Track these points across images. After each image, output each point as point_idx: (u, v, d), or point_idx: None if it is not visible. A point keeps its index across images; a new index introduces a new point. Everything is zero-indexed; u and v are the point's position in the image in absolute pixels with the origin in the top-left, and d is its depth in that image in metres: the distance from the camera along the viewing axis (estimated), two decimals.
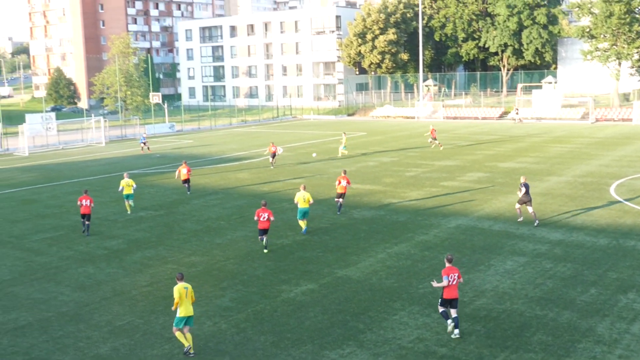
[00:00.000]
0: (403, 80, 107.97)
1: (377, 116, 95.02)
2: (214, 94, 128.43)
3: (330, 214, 30.02)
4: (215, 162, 50.45)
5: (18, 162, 57.25)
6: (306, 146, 58.77)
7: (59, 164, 54.19)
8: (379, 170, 42.78)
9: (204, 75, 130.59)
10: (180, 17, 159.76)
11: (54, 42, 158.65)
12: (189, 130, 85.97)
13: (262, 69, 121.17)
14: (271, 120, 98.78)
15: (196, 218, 30.48)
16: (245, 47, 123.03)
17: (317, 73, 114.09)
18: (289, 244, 25.31)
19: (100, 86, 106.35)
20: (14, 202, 36.98)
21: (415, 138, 63.00)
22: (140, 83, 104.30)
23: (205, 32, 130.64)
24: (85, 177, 44.52)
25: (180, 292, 15.87)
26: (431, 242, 24.84)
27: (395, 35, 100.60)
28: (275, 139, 66.24)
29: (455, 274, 16.54)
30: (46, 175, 47.33)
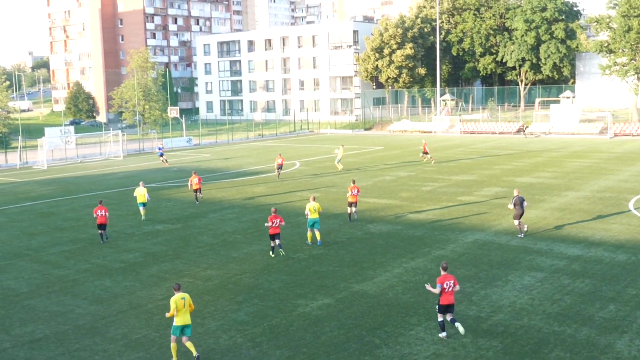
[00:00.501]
0: (420, 94, 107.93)
1: (394, 130, 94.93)
2: (232, 108, 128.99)
3: (346, 228, 29.97)
4: (232, 176, 50.58)
5: (37, 175, 57.72)
6: (323, 160, 58.80)
7: (77, 177, 54.57)
8: (396, 185, 42.69)
9: (221, 90, 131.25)
10: (198, 32, 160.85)
11: (74, 57, 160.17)
12: (206, 144, 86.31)
13: (279, 83, 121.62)
14: (288, 134, 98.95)
15: (212, 232, 30.54)
16: (263, 62, 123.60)
17: (334, 87, 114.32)
18: (305, 258, 25.28)
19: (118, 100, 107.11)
20: (33, 215, 37.25)
21: (432, 152, 62.75)
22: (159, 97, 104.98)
23: (223, 46, 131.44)
24: (103, 190, 44.78)
25: (177, 303, 16.04)
26: (448, 257, 24.70)
27: (413, 49, 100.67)
28: (292, 153, 66.36)
29: (451, 281, 17.02)
30: (64, 188, 47.66)
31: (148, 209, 36.65)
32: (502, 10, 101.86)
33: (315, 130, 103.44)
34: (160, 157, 62.08)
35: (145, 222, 33.12)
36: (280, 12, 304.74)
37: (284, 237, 28.46)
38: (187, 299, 16.21)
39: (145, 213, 34.52)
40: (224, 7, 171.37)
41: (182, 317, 16.14)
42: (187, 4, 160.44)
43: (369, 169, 51.39)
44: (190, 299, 16.37)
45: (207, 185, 45.97)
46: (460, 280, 21.59)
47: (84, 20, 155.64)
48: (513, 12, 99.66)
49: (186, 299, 16.18)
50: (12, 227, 33.88)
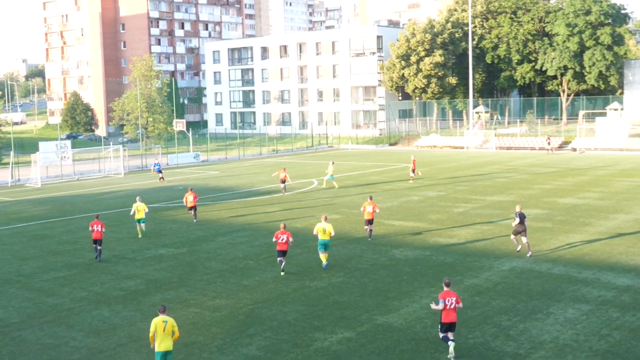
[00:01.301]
0: (451, 106, 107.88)
1: (422, 146, 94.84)
2: (243, 121, 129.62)
3: (369, 253, 29.89)
4: (243, 196, 50.69)
5: (30, 194, 58.16)
6: (344, 178, 58.80)
7: (73, 196, 54.93)
8: (424, 206, 42.57)
9: (232, 101, 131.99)
10: (207, 37, 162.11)
11: (71, 65, 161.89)
12: (215, 160, 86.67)
13: (295, 93, 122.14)
14: (305, 149, 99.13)
15: (221, 257, 30.56)
16: (278, 70, 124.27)
17: (356, 98, 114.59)
18: (323, 286, 25.20)
19: (119, 112, 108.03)
20: (25, 237, 37.49)
21: (465, 170, 62.68)
22: (163, 109, 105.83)
23: (234, 53, 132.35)
24: (102, 210, 45.00)
25: (157, 326, 16.46)
26: (482, 286, 24.52)
27: (443, 57, 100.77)
28: (310, 171, 66.46)
29: (453, 298, 17.92)
30: (60, 209, 47.97)
31: (150, 232, 36.82)
32: (542, 14, 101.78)
33: (335, 145, 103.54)
34: (159, 172, 63.17)
35: (148, 247, 33.23)
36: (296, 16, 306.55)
37: (300, 262, 28.41)
38: (169, 323, 16.55)
39: (143, 231, 36.27)
40: (235, 10, 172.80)
41: (162, 342, 16.45)
42: (195, 8, 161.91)
43: (394, 189, 51.32)
44: (174, 325, 16.70)
45: (216, 205, 46.12)
46: (497, 313, 21.41)
47: (82, 25, 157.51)
48: (554, 16, 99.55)
49: (168, 323, 16.52)
50: (1, 250, 34.11)
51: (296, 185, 55.37)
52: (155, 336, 16.52)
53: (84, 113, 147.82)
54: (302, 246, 30.65)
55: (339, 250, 30.69)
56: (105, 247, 32.95)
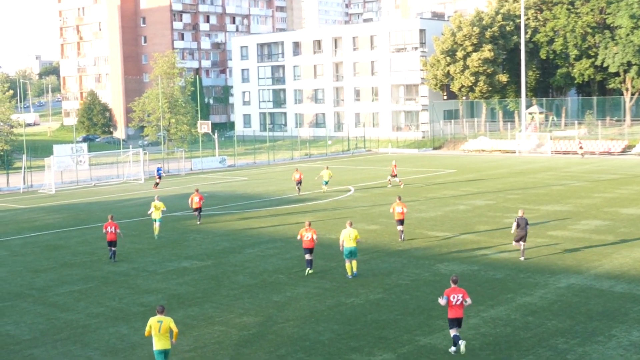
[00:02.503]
0: (501, 106, 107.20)
1: (469, 150, 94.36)
2: (273, 123, 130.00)
3: (411, 268, 29.78)
4: (274, 204, 50.81)
5: (43, 201, 58.86)
6: (382, 185, 58.68)
7: (90, 204, 55.48)
8: (472, 216, 42.34)
9: (261, 100, 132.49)
10: (234, 32, 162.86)
11: (88, 62, 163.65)
12: (242, 165, 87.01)
13: (330, 92, 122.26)
14: (341, 153, 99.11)
15: (250, 270, 30.64)
16: (311, 67, 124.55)
17: (397, 98, 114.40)
18: (360, 303, 25.15)
19: (140, 113, 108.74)
20: (37, 247, 37.94)
21: (516, 176, 62.24)
22: (187, 109, 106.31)
23: (263, 49, 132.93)
24: (121, 219, 45.37)
25: (152, 326, 18.10)
26: (536, 305, 24.31)
27: (492, 52, 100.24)
28: (346, 177, 66.44)
29: (460, 294, 19.67)
30: (75, 217, 48.49)
31: (172, 243, 37.08)
32: (603, 4, 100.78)
33: (374, 149, 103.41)
34: (159, 177, 64.73)
35: (170, 258, 33.45)
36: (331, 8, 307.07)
37: (335, 277, 28.38)
38: (164, 323, 18.07)
39: (159, 230, 38.93)
40: (264, 2, 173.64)
41: (159, 341, 18.07)
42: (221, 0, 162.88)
43: (439, 197, 51.12)
44: (171, 324, 18.18)
45: (244, 214, 46.31)
46: (553, 335, 21.21)
47: (100, 18, 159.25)
48: (616, 6, 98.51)
49: (163, 323, 18.06)
50: (13, 262, 34.55)
51: (331, 193, 55.38)
52: (153, 335, 18.09)
53: (102, 114, 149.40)
54: (337, 259, 30.64)
55: (377, 265, 30.63)
56: (124, 259, 33.31)
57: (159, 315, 18.38)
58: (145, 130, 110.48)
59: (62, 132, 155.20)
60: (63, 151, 78.10)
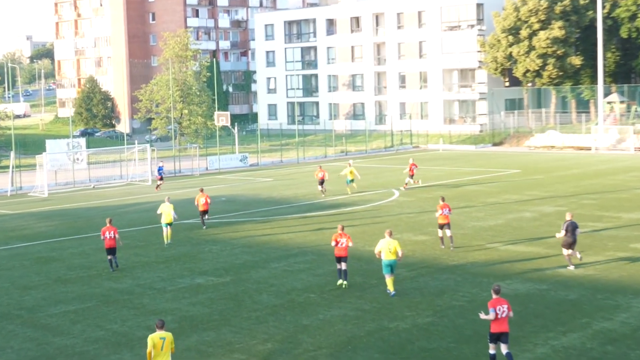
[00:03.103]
0: (574, 95, 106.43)
1: (536, 146, 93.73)
2: (303, 114, 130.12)
3: (467, 286, 29.58)
4: (304, 210, 50.79)
5: (34, 206, 59.27)
6: (433, 189, 58.46)
7: (88, 209, 55.75)
8: (539, 225, 42.05)
9: (289, 88, 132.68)
10: (257, 7, 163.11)
11: (87, 43, 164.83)
12: (267, 164, 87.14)
13: (370, 78, 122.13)
14: (383, 150, 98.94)
15: (275, 288, 30.60)
16: (348, 49, 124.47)
17: (449, 85, 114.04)
18: (406, 328, 25.02)
19: (147, 103, 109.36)
20: (27, 260, 38.15)
21: (592, 178, 61.73)
22: (202, 98, 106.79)
23: (292, 27, 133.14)
24: (124, 227, 45.54)
25: (155, 342, 18.59)
26: (617, 331, 24.05)
27: (563, 30, 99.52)
28: (389, 178, 66.33)
29: (505, 305, 20.53)
30: (71, 225, 48.76)
31: (185, 255, 37.13)
32: None
33: (422, 145, 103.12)
34: (160, 178, 65.79)
35: (181, 274, 33.51)
36: None
37: (376, 297, 28.26)
38: (167, 339, 18.67)
39: (171, 236, 40.03)
40: None
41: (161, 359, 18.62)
42: None
43: (500, 202, 50.84)
44: (172, 341, 18.88)
45: (268, 222, 46.36)
46: None
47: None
48: None
49: (166, 340, 18.65)
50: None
51: (371, 197, 55.27)
52: (153, 355, 18.57)
53: (102, 104, 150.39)
54: (378, 276, 30.50)
55: (426, 282, 30.46)
56: (128, 274, 33.44)
57: (159, 331, 18.80)
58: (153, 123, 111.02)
59: (56, 125, 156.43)
60: (57, 147, 78.71)
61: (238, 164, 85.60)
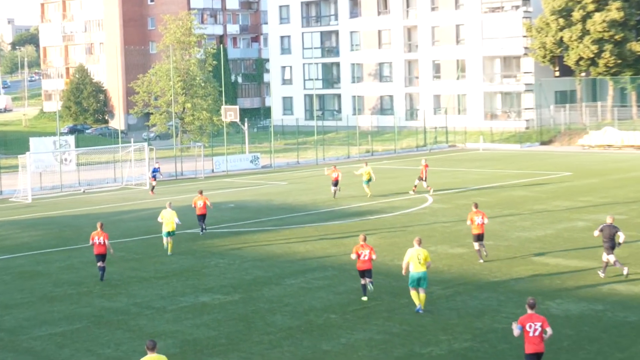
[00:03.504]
0: (634, 86, 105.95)
1: (591, 145, 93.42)
2: (323, 108, 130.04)
3: (510, 306, 29.47)
4: (323, 218, 50.77)
5: (16, 213, 59.45)
6: (471, 195, 58.32)
7: (78, 217, 55.87)
8: (594, 236, 41.81)
9: (306, 79, 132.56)
10: None
11: (76, 27, 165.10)
12: (281, 165, 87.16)
13: (400, 68, 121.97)
14: (415, 150, 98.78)
15: (291, 308, 30.60)
16: (374, 34, 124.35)
17: (491, 75, 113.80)
18: (441, 354, 24.99)
19: (144, 95, 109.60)
20: (8, 275, 38.24)
21: None
22: (207, 90, 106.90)
23: (310, 9, 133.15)
24: (119, 238, 45.63)
25: None
26: None
27: (621, 12, 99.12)
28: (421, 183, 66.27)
29: (538, 322, 20.54)
30: (58, 235, 48.87)
31: (187, 270, 37.16)
32: None
33: (459, 144, 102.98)
34: (154, 179, 66.53)
35: (183, 291, 33.51)
36: None
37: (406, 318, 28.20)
38: None
39: (172, 247, 40.54)
40: None
41: None
42: None
43: (549, 209, 50.70)
44: None
45: (282, 232, 46.33)
46: None
47: None
48: None
49: None
50: None
51: (401, 203, 55.24)
52: None
53: (94, 96, 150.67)
54: (409, 294, 30.44)
55: (464, 302, 30.37)
56: (123, 291, 33.47)
57: (151, 354, 18.52)
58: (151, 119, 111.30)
59: (41, 121, 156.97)
60: (43, 146, 78.98)
61: (248, 165, 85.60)
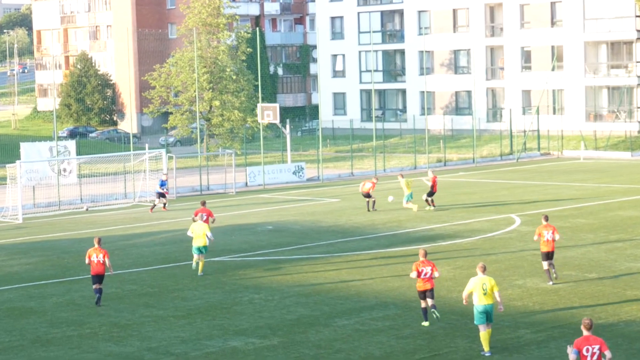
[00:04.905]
0: None
1: None
2: (384, 107, 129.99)
3: (619, 355, 29.22)
4: (383, 244, 50.74)
5: (3, 236, 59.76)
6: (568, 215, 58.05)
7: (79, 241, 56.00)
8: None
9: (363, 70, 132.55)
10: None
11: (78, 6, 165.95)
12: (332, 177, 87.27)
13: (480, 56, 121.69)
14: (498, 159, 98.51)
15: (343, 355, 30.59)
16: (448, 14, 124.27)
17: (595, 65, 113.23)
18: None
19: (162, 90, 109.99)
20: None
21: None
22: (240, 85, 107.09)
23: None
24: (130, 267, 45.90)
25: None
26: None
27: None
28: (505, 197, 65.95)
29: (596, 346, 21.18)
30: (55, 262, 49.13)
31: (214, 306, 37.26)
32: None
33: (554, 151, 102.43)
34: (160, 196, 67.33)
35: (210, 333, 33.51)
36: None
37: None
38: None
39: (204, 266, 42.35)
40: None
41: None
42: None
43: None
44: None
45: (333, 260, 46.32)
46: None
47: None
48: None
49: None
50: None
51: (481, 225, 55.09)
52: None
53: (99, 92, 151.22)
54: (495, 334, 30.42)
55: (561, 349, 30.16)
56: (135, 333, 33.50)
57: None
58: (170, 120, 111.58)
59: (34, 122, 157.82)
60: (36, 153, 79.31)
61: (291, 177, 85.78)
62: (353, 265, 45.14)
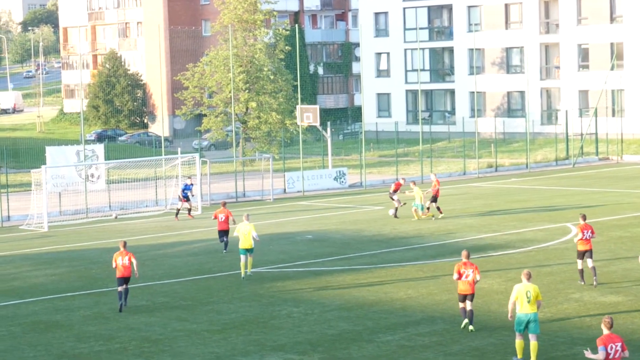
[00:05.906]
0: None
1: None
2: (431, 109, 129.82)
3: None
4: (430, 255, 50.64)
5: (28, 245, 60.02)
6: (628, 225, 57.79)
7: (108, 250, 56.05)
8: None
9: (409, 69, 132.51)
10: None
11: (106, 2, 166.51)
12: (375, 183, 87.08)
13: (534, 54, 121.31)
14: (553, 164, 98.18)
15: None
16: (500, 8, 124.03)
17: None
18: None
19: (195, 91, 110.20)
20: (18, 326, 38.57)
21: None
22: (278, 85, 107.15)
23: None
24: (162, 279, 46.04)
25: None
26: None
27: None
28: (560, 203, 65.69)
29: (618, 343, 22.93)
30: (82, 274, 49.34)
31: (250, 320, 37.26)
32: None
33: (614, 156, 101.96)
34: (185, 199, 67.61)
35: (245, 349, 33.42)
36: None
37: None
38: None
39: (252, 265, 44.03)
40: None
41: None
42: None
43: None
44: None
45: (376, 272, 46.26)
46: None
47: None
48: None
49: None
50: None
51: (534, 235, 54.93)
52: None
53: (129, 93, 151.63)
54: (546, 356, 30.34)
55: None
56: (167, 349, 33.51)
57: None
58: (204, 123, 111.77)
59: (61, 125, 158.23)
60: (63, 158, 79.56)
61: (332, 184, 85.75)
62: (398, 277, 45.11)
